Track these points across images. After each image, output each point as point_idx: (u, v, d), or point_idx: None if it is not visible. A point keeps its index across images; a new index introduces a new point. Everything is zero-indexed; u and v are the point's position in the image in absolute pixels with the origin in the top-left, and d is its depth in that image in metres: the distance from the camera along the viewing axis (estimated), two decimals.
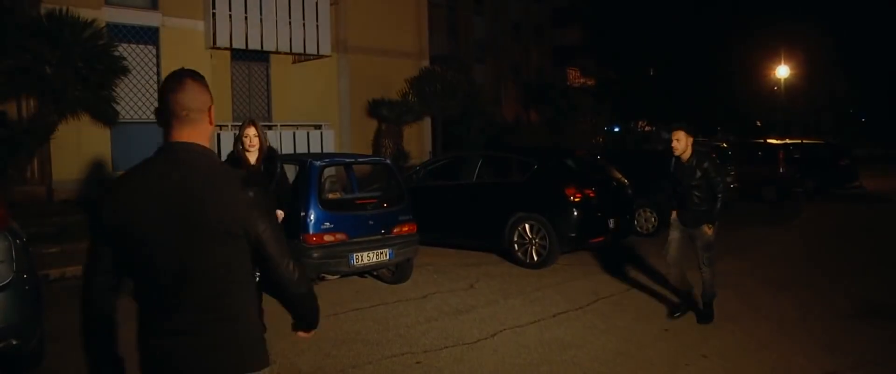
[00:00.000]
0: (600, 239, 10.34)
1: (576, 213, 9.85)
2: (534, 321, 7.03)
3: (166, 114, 2.37)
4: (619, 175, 11.20)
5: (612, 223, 10.32)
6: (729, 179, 15.97)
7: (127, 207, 2.27)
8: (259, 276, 2.67)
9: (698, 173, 6.91)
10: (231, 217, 2.28)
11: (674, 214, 7.27)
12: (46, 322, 6.63)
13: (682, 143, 6.97)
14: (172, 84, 2.37)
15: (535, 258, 9.91)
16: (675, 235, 7.19)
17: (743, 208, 16.54)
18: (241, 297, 2.36)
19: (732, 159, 17.16)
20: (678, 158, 7.07)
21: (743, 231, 13.36)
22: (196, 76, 2.43)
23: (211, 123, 2.45)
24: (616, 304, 7.72)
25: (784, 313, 7.40)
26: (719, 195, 6.90)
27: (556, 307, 7.55)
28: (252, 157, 6.31)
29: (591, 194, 10.12)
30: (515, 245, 10.11)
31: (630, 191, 11.18)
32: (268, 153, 6.39)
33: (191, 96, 2.37)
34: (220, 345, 2.30)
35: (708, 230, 6.96)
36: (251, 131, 6.12)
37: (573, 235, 9.85)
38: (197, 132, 2.39)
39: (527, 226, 10.04)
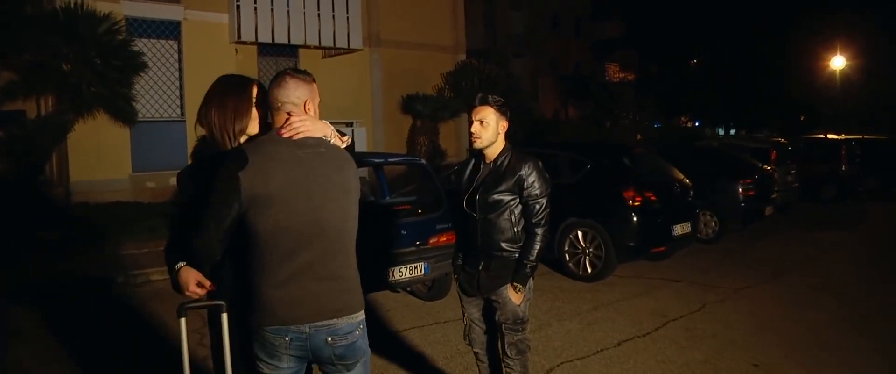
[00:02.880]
0: (662, 248, 9.22)
1: (635, 219, 8.72)
2: (596, 351, 5.96)
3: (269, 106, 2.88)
4: (682, 176, 10.07)
5: (676, 230, 9.19)
6: (789, 179, 14.86)
7: (266, 176, 2.65)
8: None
9: (504, 186, 4.03)
10: (357, 183, 2.92)
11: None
12: (27, 347, 5.81)
13: (489, 129, 4.06)
14: (272, 82, 2.88)
15: (589, 270, 8.85)
16: (471, 312, 4.36)
17: (803, 210, 15.30)
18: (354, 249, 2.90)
19: (791, 157, 15.92)
20: (479, 154, 4.24)
21: (808, 236, 12.20)
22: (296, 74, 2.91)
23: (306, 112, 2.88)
24: (688, 329, 6.61)
25: (888, 339, 6.27)
26: (537, 231, 4.02)
27: (619, 333, 6.49)
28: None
29: (653, 198, 8.99)
30: (567, 255, 9.05)
31: (692, 193, 10.04)
32: None
33: (286, 91, 2.84)
34: (352, 287, 2.84)
35: (514, 295, 4.06)
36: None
37: (632, 244, 8.74)
38: None
39: (579, 233, 8.96)
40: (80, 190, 13.40)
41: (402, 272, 7.14)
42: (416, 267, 7.25)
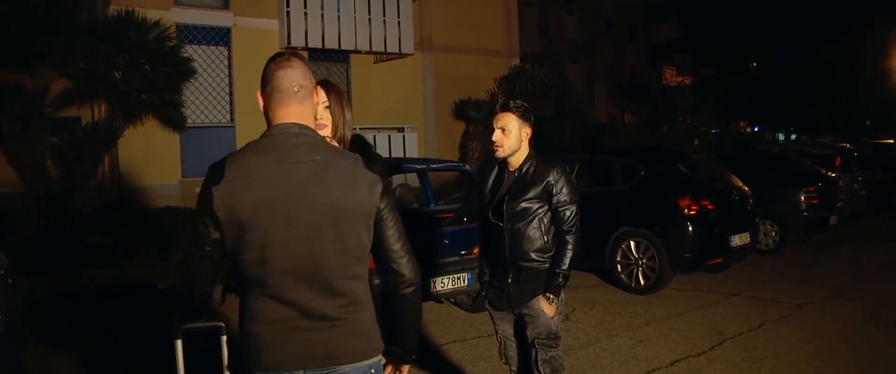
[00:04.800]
0: (720, 260, 8.79)
1: (691, 229, 8.32)
2: (646, 371, 5.60)
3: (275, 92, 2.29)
4: (741, 183, 9.61)
5: (734, 241, 8.75)
6: (855, 186, 14.17)
7: (235, 195, 2.16)
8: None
9: (532, 193, 3.84)
10: (368, 201, 2.26)
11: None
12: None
13: (511, 137, 3.84)
14: (280, 61, 2.33)
15: (642, 282, 8.47)
16: (503, 328, 4.12)
17: (871, 220, 14.54)
18: (365, 281, 2.32)
19: (858, 163, 15.22)
20: (502, 163, 4.04)
21: (877, 248, 11.53)
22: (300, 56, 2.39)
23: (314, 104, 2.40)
24: (747, 348, 6.19)
25: None
26: (568, 239, 3.81)
27: (672, 351, 6.12)
28: None
29: (710, 206, 8.57)
30: (619, 266, 8.69)
31: (752, 201, 9.57)
32: (357, 147, 3.32)
33: (302, 73, 2.32)
34: (356, 331, 2.27)
35: (548, 307, 3.83)
36: (321, 97, 3.20)
37: (688, 255, 8.34)
38: (307, 112, 2.33)
39: (632, 243, 8.59)
40: (131, 195, 13.48)
41: (445, 283, 6.90)
42: (459, 278, 7.00)
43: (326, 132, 3.18)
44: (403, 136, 17.55)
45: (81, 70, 12.34)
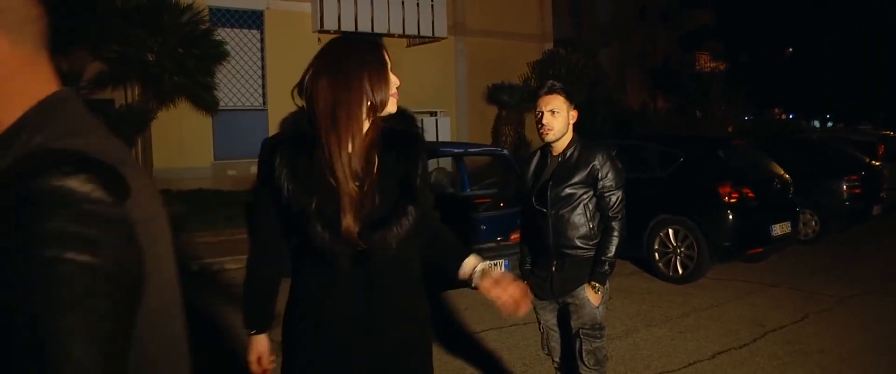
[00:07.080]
0: (760, 250, 8.58)
1: (731, 217, 8.12)
2: (688, 363, 5.46)
3: None
4: (781, 171, 9.38)
5: (775, 230, 8.55)
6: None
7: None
8: None
9: (577, 178, 3.68)
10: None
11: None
12: None
13: (560, 119, 3.68)
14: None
15: (680, 271, 8.29)
16: (546, 318, 3.99)
17: None
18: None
19: None
20: (545, 149, 3.91)
21: None
22: None
23: None
24: (790, 342, 6.01)
25: None
26: (614, 225, 3.66)
27: (713, 343, 5.96)
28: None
29: (750, 195, 8.36)
30: (656, 254, 8.52)
31: (792, 190, 9.35)
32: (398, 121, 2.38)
33: None
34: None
35: (593, 295, 3.68)
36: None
37: (727, 244, 8.14)
38: None
39: (670, 231, 8.41)
40: (163, 177, 13.52)
41: None
42: (495, 264, 6.87)
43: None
44: (436, 120, 17.46)
45: (115, 53, 12.43)
